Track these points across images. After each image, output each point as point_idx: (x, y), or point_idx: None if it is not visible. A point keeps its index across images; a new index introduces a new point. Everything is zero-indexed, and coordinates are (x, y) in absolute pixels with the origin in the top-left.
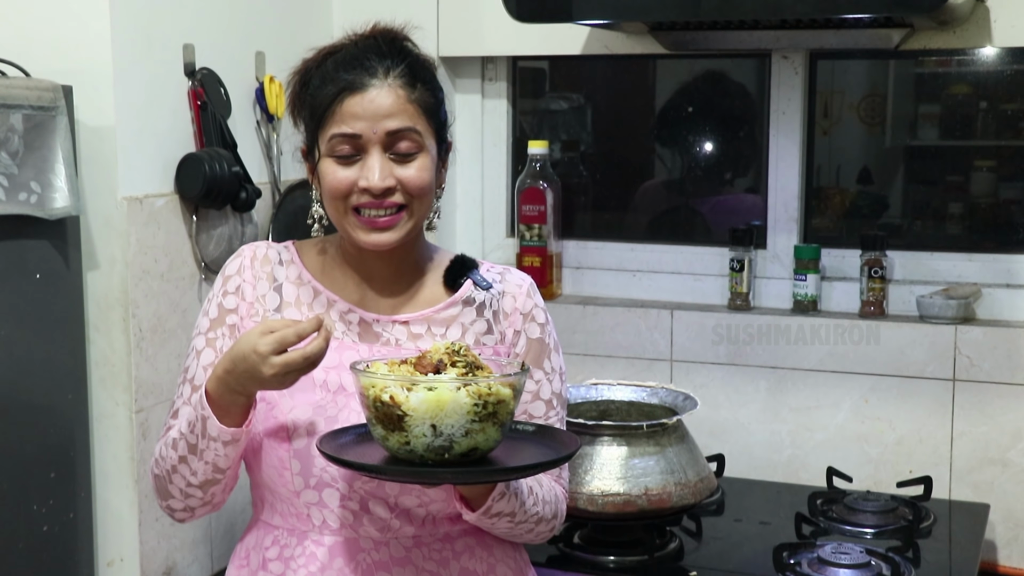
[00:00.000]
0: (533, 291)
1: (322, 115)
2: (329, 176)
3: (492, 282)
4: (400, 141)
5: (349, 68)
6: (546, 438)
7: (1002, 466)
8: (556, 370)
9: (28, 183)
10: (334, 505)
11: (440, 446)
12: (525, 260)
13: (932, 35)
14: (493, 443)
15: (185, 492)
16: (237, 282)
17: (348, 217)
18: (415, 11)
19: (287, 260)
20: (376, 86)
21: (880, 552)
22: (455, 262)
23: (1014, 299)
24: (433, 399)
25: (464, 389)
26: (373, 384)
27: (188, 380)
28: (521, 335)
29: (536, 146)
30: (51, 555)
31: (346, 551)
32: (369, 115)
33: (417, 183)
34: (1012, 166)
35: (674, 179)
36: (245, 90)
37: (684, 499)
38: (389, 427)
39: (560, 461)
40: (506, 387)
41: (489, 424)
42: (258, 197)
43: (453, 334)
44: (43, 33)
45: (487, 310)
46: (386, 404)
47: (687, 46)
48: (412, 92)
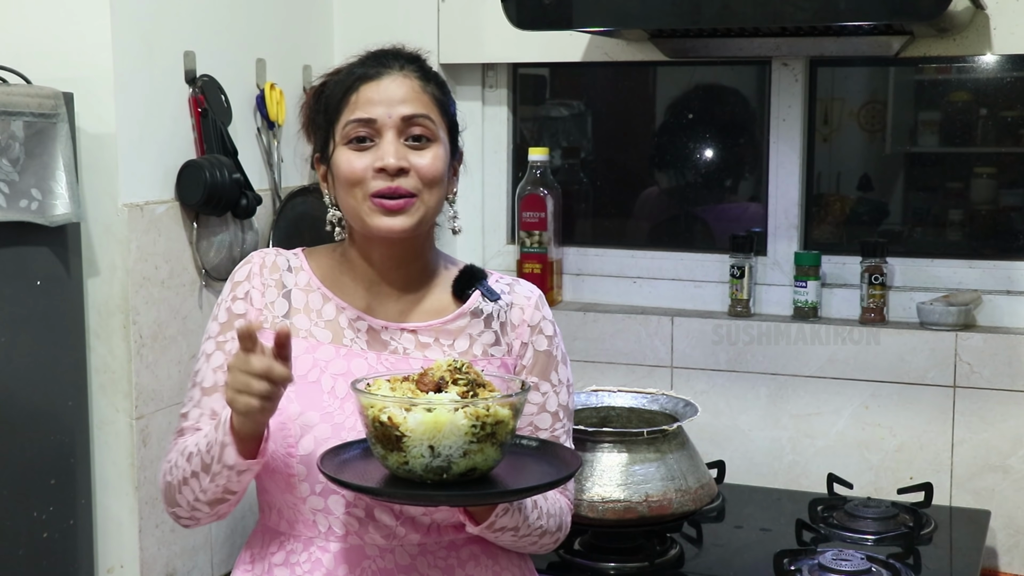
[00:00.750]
0: (542, 303)
1: (337, 105)
2: (344, 164)
3: (501, 293)
4: (414, 126)
5: (364, 64)
6: (548, 455)
7: (1003, 472)
8: (563, 382)
9: (29, 190)
10: (340, 512)
11: (438, 467)
12: (525, 267)
13: (932, 42)
14: (492, 462)
15: (192, 505)
16: (246, 288)
17: (363, 204)
18: (416, 19)
19: (296, 267)
20: (391, 76)
21: (881, 559)
22: (464, 272)
23: (1014, 306)
24: (431, 421)
25: (462, 411)
26: (372, 404)
27: (198, 384)
28: (529, 347)
29: (536, 153)
30: (51, 562)
31: (351, 558)
32: (384, 101)
33: (430, 171)
34: (1012, 173)
35: (674, 186)
36: (246, 97)
37: (685, 506)
38: (388, 447)
39: (559, 482)
40: (505, 407)
41: (488, 444)
42: (259, 204)
43: (461, 345)
44: (44, 40)
45: (495, 321)
46: (384, 424)
47: (687, 53)
48: (426, 84)
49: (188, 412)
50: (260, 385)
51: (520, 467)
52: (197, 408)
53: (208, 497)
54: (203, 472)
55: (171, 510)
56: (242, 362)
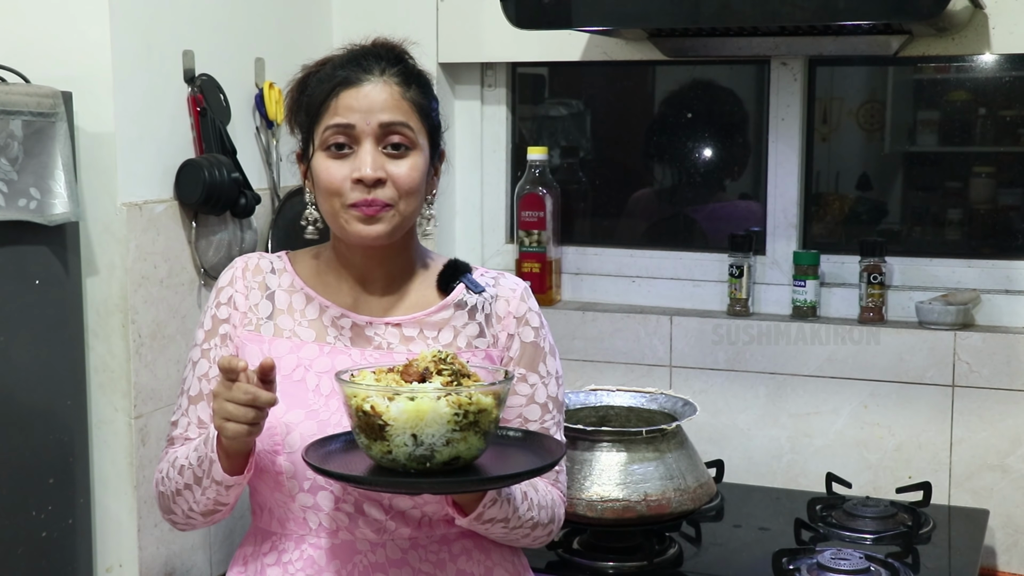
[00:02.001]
0: (527, 295)
1: (318, 109)
2: (323, 171)
3: (485, 286)
4: (392, 134)
5: (345, 67)
6: (533, 444)
7: (1001, 472)
8: (552, 374)
9: (28, 189)
10: (329, 508)
11: (421, 455)
12: (524, 266)
13: (931, 42)
14: (476, 451)
15: (187, 514)
16: (229, 293)
17: (341, 212)
18: (414, 18)
19: (279, 268)
20: (372, 82)
21: (879, 558)
22: (448, 266)
23: (1013, 305)
24: (413, 409)
25: (444, 399)
26: (356, 394)
27: (185, 391)
28: (515, 339)
29: (535, 152)
30: (50, 561)
31: (342, 553)
32: (364, 107)
33: (407, 181)
34: (1011, 172)
35: (673, 185)
36: (244, 96)
37: (683, 505)
38: (371, 436)
39: (543, 470)
40: (488, 396)
41: (471, 433)
42: (257, 203)
43: (445, 337)
44: (43, 39)
45: (479, 313)
46: (367, 414)
47: (686, 53)
48: (407, 91)
49: (177, 420)
50: (246, 413)
51: (505, 456)
52: (185, 417)
53: (201, 508)
54: (195, 485)
55: (167, 517)
56: (227, 391)
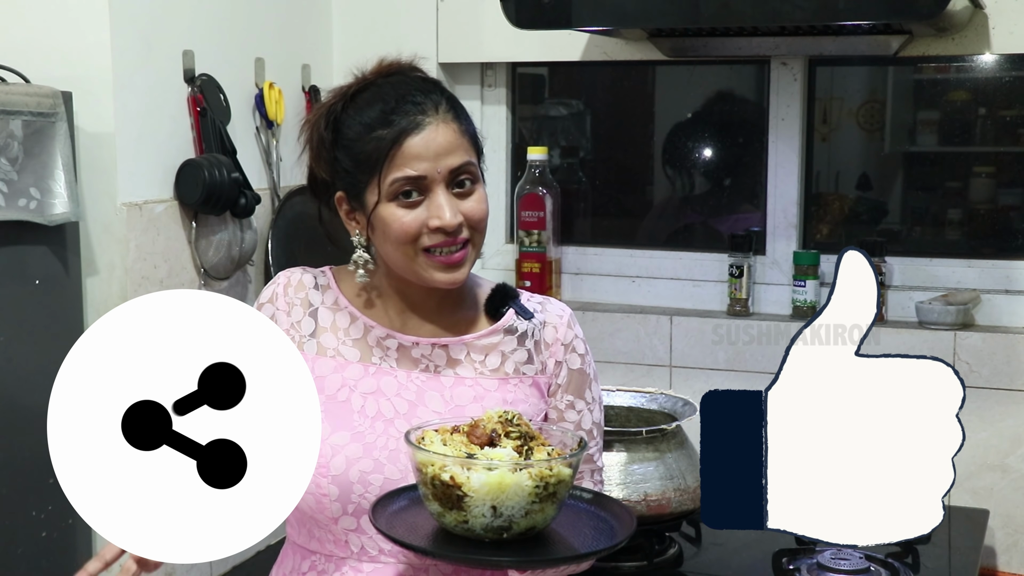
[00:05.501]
0: (573, 322)
1: (382, 160)
2: (395, 222)
3: (533, 312)
4: (462, 175)
5: (398, 109)
6: (603, 510)
7: (1001, 472)
8: (596, 399)
9: (27, 189)
10: (372, 532)
11: (499, 526)
12: (524, 266)
13: (931, 42)
14: (550, 520)
15: None
16: (271, 311)
17: (419, 259)
18: (414, 18)
19: (323, 285)
20: (431, 124)
21: (879, 558)
22: (497, 291)
23: (1013, 305)
24: (495, 482)
25: (526, 471)
26: (432, 463)
27: None
28: (563, 365)
29: (535, 152)
30: (50, 561)
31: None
32: (432, 154)
33: (479, 215)
34: (1011, 172)
35: (673, 185)
36: (244, 96)
37: (683, 505)
38: (447, 505)
39: (617, 546)
40: (567, 467)
41: (549, 503)
42: (257, 203)
43: (492, 362)
44: (43, 39)
45: (528, 340)
46: (447, 484)
47: (686, 53)
48: (460, 124)
49: None
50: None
51: (574, 520)
52: None
53: None
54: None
55: None
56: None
